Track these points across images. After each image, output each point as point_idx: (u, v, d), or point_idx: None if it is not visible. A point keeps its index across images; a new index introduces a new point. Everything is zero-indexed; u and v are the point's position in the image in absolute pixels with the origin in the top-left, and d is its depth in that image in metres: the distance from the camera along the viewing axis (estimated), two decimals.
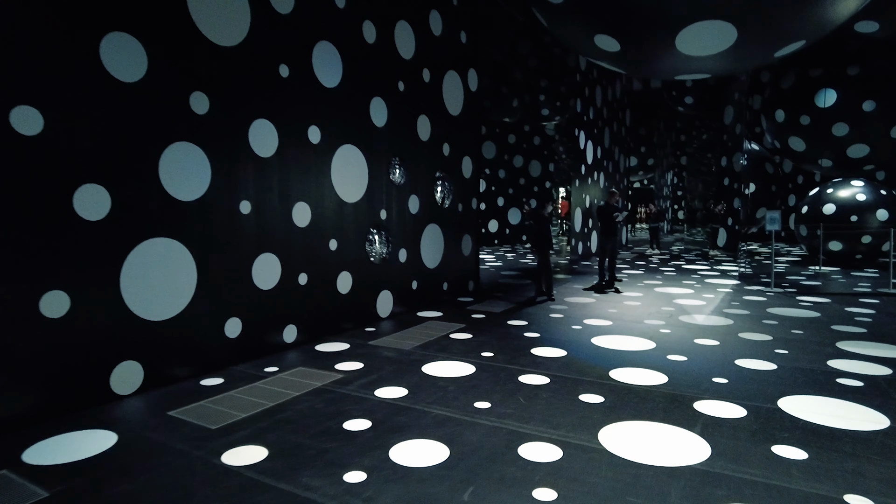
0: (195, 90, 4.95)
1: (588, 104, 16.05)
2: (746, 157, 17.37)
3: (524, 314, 7.96)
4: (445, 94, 8.71)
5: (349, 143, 6.76)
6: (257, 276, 5.62)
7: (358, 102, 6.91)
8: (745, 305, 8.75)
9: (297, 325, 6.13)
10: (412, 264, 8.10)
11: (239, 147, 5.40)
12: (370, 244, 7.26)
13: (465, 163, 9.39)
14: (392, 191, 7.61)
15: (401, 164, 7.74)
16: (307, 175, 6.18)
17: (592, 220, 17.29)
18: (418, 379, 4.97)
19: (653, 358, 5.67)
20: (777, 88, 16.25)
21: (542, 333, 6.71)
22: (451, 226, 9.04)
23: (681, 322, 7.45)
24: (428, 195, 8.42)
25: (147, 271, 4.62)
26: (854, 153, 14.94)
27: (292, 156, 5.99)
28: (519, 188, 22.07)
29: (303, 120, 6.11)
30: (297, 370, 5.25)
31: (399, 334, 6.68)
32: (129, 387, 4.53)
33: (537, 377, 5.00)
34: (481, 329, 6.96)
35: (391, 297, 7.68)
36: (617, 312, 8.10)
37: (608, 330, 6.93)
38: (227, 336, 5.35)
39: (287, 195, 5.94)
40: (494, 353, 5.82)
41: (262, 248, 5.67)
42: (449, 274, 9.07)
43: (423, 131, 8.21)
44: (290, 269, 6.01)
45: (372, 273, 7.29)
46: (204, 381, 4.94)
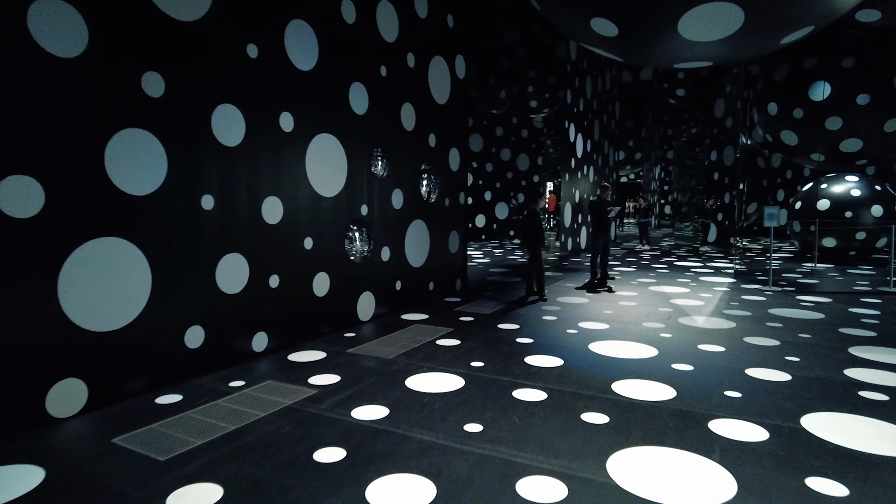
0: (148, 70, 4.37)
1: (578, 95, 15.59)
2: (739, 150, 17.01)
3: (515, 316, 7.48)
4: (431, 81, 8.17)
5: (326, 131, 6.21)
6: (222, 279, 5.06)
7: (336, 88, 6.35)
8: (744, 305, 8.35)
9: (268, 332, 5.59)
10: (396, 263, 7.58)
11: (200, 135, 4.82)
12: (350, 242, 6.73)
13: (452, 155, 8.86)
14: (374, 184, 7.07)
15: (383, 155, 7.20)
16: (279, 167, 5.63)
17: (582, 215, 16.87)
18: (401, 394, 4.46)
19: (656, 367, 5.22)
20: (770, 81, 15.91)
21: (535, 338, 6.23)
22: (437, 222, 8.52)
23: (681, 325, 7.03)
24: (413, 189, 7.89)
25: (92, 276, 4.05)
26: (847, 147, 14.66)
27: (262, 145, 5.42)
28: (507, 182, 21.58)
29: (274, 106, 5.54)
30: (266, 384, 4.71)
31: (381, 340, 6.16)
32: (68, 408, 3.96)
33: (533, 391, 4.52)
34: (470, 333, 6.46)
35: (373, 299, 7.16)
36: (613, 314, 7.65)
37: (606, 334, 6.47)
38: (187, 346, 4.79)
39: (256, 189, 5.38)
40: (485, 361, 5.33)
41: (228, 248, 5.11)
42: (435, 273, 8.56)
43: (408, 120, 7.67)
44: (260, 270, 5.46)
45: (352, 273, 6.76)
46: (160, 398, 4.39)
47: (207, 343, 4.96)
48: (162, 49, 4.47)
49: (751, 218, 20.47)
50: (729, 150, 18.96)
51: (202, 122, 4.84)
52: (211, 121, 4.90)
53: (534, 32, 17.85)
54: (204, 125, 4.85)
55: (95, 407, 4.13)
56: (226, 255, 5.09)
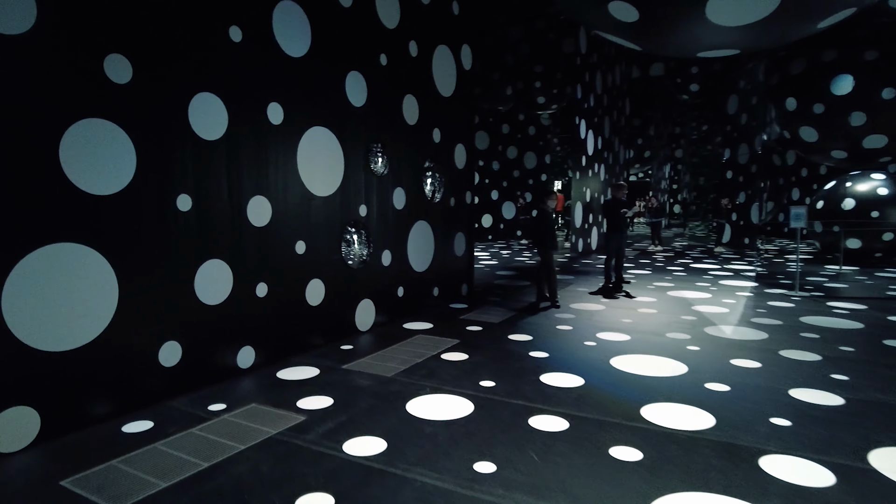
0: (112, 52, 3.83)
1: (588, 91, 14.99)
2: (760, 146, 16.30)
3: (526, 325, 6.91)
4: (436, 72, 7.61)
5: (320, 125, 5.66)
6: (201, 289, 4.52)
7: (331, 77, 5.79)
8: (773, 313, 7.76)
9: (254, 346, 5.05)
10: (397, 268, 7.03)
11: (175, 127, 4.28)
12: (347, 245, 6.18)
13: (457, 151, 8.30)
14: (373, 182, 6.52)
15: (383, 151, 6.64)
16: (266, 163, 5.08)
17: (593, 214, 16.27)
18: (399, 422, 3.91)
19: (688, 387, 4.65)
20: (787, 74, 15.26)
21: (550, 352, 5.67)
22: (442, 223, 7.96)
23: (708, 336, 6.44)
24: (416, 188, 7.33)
25: (44, 288, 3.51)
26: (871, 144, 14.01)
27: (247, 139, 4.88)
28: (513, 181, 20.99)
29: (260, 95, 4.99)
30: (249, 408, 4.16)
31: (380, 354, 5.61)
32: (16, 441, 3.43)
33: (551, 419, 3.95)
34: (478, 346, 5.90)
35: (373, 307, 6.60)
36: (633, 323, 7.07)
37: (627, 347, 5.90)
38: (161, 364, 4.26)
39: (240, 188, 4.83)
40: (495, 380, 4.77)
41: (208, 254, 4.57)
42: (440, 277, 8.00)
43: (410, 114, 7.11)
44: (245, 278, 4.91)
45: (350, 279, 6.21)
46: (127, 426, 3.85)
47: (185, 360, 4.42)
48: (129, 28, 3.93)
49: (766, 218, 19.78)
50: (743, 148, 18.32)
51: (177, 112, 4.29)
52: (188, 111, 4.36)
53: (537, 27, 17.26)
54: (179, 116, 4.31)
55: (50, 437, 3.60)
56: (206, 262, 4.54)
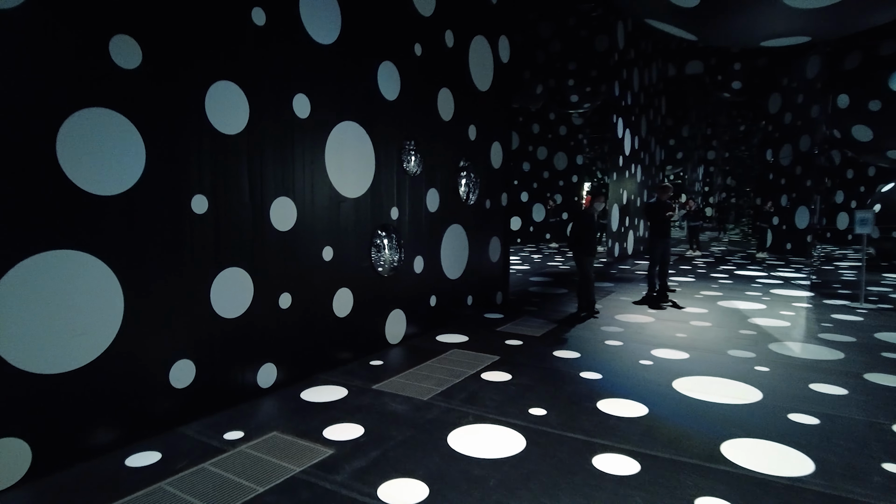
0: (118, 33, 3.38)
1: (625, 88, 14.30)
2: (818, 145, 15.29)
3: (571, 339, 6.32)
4: (472, 64, 7.07)
5: (350, 119, 5.16)
6: (218, 301, 4.05)
7: (362, 67, 5.30)
8: (841, 328, 7.03)
9: (276, 363, 4.56)
10: (430, 275, 6.50)
11: (190, 119, 3.82)
12: (377, 251, 5.67)
13: (494, 150, 7.75)
14: (405, 183, 6.01)
15: (417, 149, 6.13)
16: (291, 161, 4.60)
17: (630, 217, 15.55)
18: (442, 460, 3.37)
19: (768, 418, 4.02)
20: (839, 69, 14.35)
21: (603, 373, 5.07)
22: (476, 226, 7.42)
23: (775, 354, 5.78)
24: (450, 189, 6.80)
25: (37, 302, 3.06)
26: None
27: (270, 134, 4.40)
28: (543, 182, 20.34)
29: (286, 86, 4.51)
30: (270, 437, 3.67)
31: (413, 372, 5.08)
32: (2, 479, 2.98)
33: (618, 459, 3.37)
34: (520, 363, 5.34)
35: (403, 318, 6.08)
36: (688, 338, 6.43)
37: (688, 367, 5.28)
38: (172, 386, 3.79)
39: (262, 188, 4.35)
40: (546, 407, 4.20)
41: (226, 262, 4.10)
42: (474, 285, 7.45)
43: (445, 109, 6.58)
44: (267, 288, 4.43)
45: (380, 288, 5.70)
46: (131, 458, 3.38)
47: (199, 380, 3.95)
48: (138, 6, 3.47)
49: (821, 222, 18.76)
50: (786, 150, 17.38)
51: (193, 102, 3.83)
52: (204, 102, 3.89)
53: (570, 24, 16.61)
54: (195, 107, 3.84)
55: (42, 474, 3.14)
56: (223, 271, 4.07)
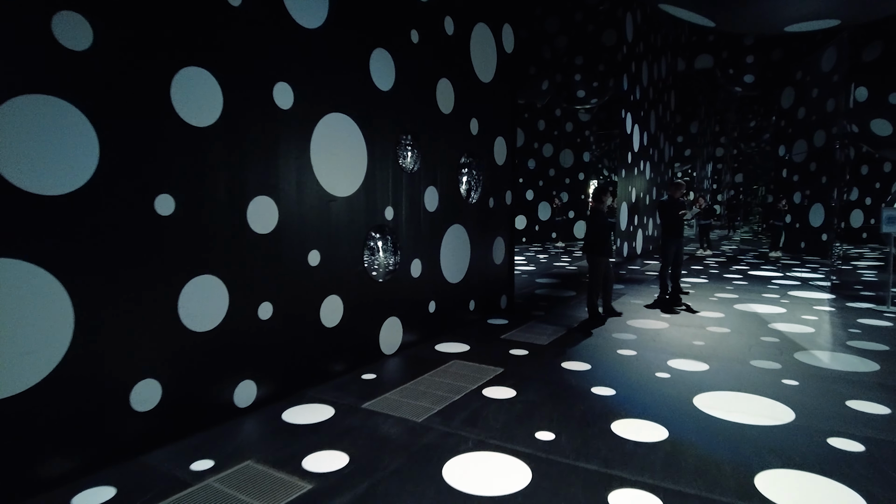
0: (62, 9, 2.95)
1: (634, 82, 13.81)
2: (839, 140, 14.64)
3: (581, 349, 5.87)
4: (474, 54, 6.62)
5: (339, 111, 4.73)
6: (188, 312, 3.62)
7: (353, 54, 4.86)
8: (870, 334, 6.55)
9: (256, 380, 4.14)
10: (429, 279, 6.06)
11: (153, 109, 3.39)
12: (371, 254, 5.24)
13: (497, 145, 7.30)
14: (402, 180, 5.57)
15: (414, 143, 5.69)
16: (273, 156, 4.17)
17: (639, 215, 15.07)
18: (437, 496, 2.93)
19: (805, 443, 3.56)
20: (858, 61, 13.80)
21: (617, 388, 4.62)
22: (479, 227, 6.97)
23: (802, 364, 5.32)
24: (450, 187, 6.36)
25: None
26: None
27: (248, 126, 3.97)
28: (549, 180, 19.87)
29: (265, 73, 4.08)
30: (243, 468, 3.24)
31: (409, 387, 4.64)
32: None
33: (639, 495, 2.93)
34: (527, 377, 4.89)
35: (400, 326, 5.65)
36: (706, 346, 5.97)
37: (709, 380, 4.82)
38: (133, 409, 3.36)
39: (238, 186, 3.92)
40: (555, 430, 3.75)
41: (196, 269, 3.67)
42: (476, 289, 7.01)
43: (445, 101, 6.14)
44: (244, 297, 4.00)
45: (373, 294, 5.27)
46: (80, 496, 2.96)
47: (166, 402, 3.53)
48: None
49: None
50: (800, 145, 16.84)
51: (156, 90, 3.40)
52: (170, 89, 3.46)
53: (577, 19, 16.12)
54: (159, 95, 3.41)
55: None
56: (193, 279, 3.65)
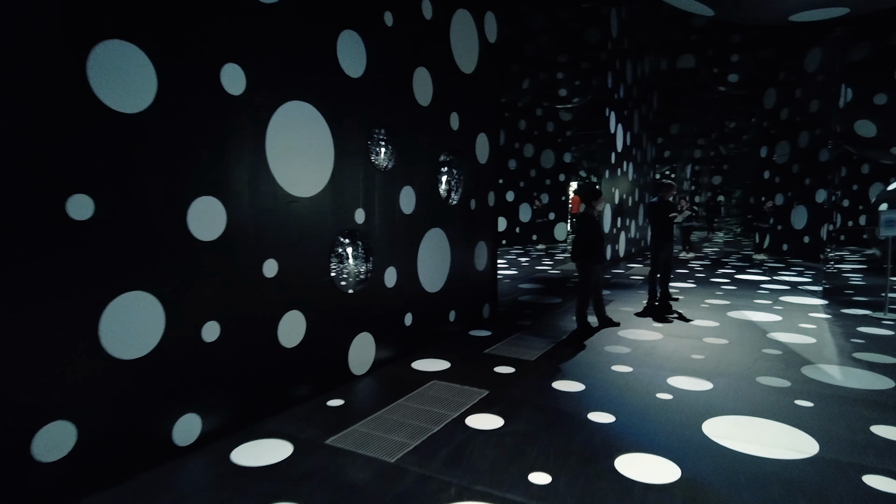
0: None
1: (619, 80, 13.42)
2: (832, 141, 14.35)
3: (573, 365, 5.35)
4: (454, 42, 6.08)
5: (300, 99, 4.13)
6: (112, 336, 3.00)
7: (317, 35, 4.27)
8: (876, 345, 6.17)
9: (200, 413, 3.52)
10: (405, 289, 5.49)
11: (66, 89, 2.77)
12: (339, 262, 4.65)
13: (479, 142, 6.76)
14: (374, 179, 4.99)
15: (388, 138, 5.12)
16: (219, 149, 3.56)
17: (622, 217, 14.69)
18: None
19: (838, 482, 3.09)
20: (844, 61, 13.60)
21: (616, 413, 4.10)
22: (460, 230, 6.43)
23: (813, 382, 4.88)
24: (429, 187, 5.81)
25: None
26: None
27: (189, 114, 3.36)
28: (530, 181, 19.44)
29: (211, 52, 3.47)
30: None
31: (381, 416, 4.06)
32: None
33: None
34: (515, 401, 4.35)
35: (372, 342, 5.06)
36: (706, 360, 5.50)
37: (715, 402, 4.34)
38: (37, 459, 2.73)
39: (177, 185, 3.31)
40: (551, 471, 3.21)
41: (124, 285, 3.05)
42: (458, 298, 6.46)
43: (423, 92, 5.58)
44: (184, 316, 3.38)
45: (342, 308, 4.68)
46: None
47: (83, 447, 2.90)
48: None
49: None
50: (783, 147, 16.66)
51: (68, 66, 2.77)
52: (86, 65, 2.84)
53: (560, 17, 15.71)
54: (72, 73, 2.79)
55: None
56: (120, 297, 3.02)
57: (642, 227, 18.13)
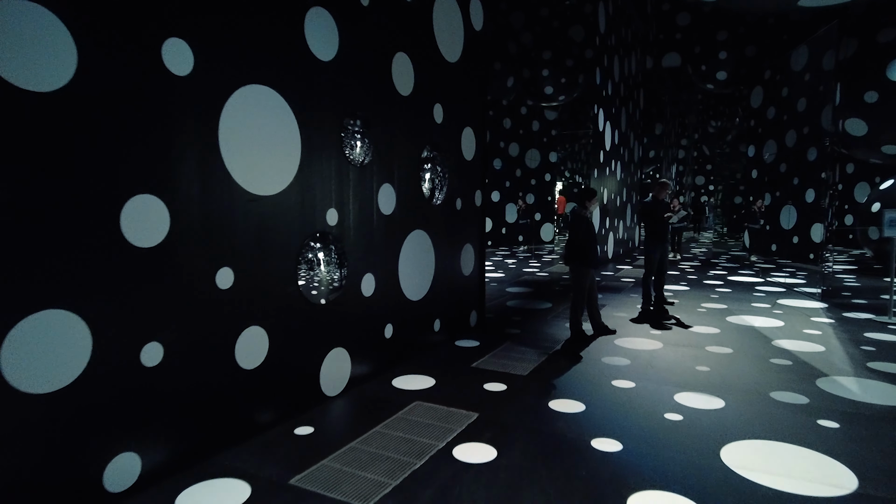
0: None
1: (606, 76, 13.03)
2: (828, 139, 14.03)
3: (570, 381, 4.88)
4: (437, 28, 5.58)
5: (260, 82, 3.60)
6: (17, 368, 2.44)
7: (280, 10, 3.74)
8: (886, 352, 5.81)
9: (140, 451, 2.97)
10: (385, 297, 4.97)
11: None
12: (310, 269, 4.12)
13: (465, 137, 6.26)
14: (349, 176, 4.47)
15: (365, 130, 4.60)
16: (161, 139, 3.01)
17: (610, 218, 14.31)
18: None
19: None
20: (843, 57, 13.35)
21: (622, 439, 3.63)
22: (445, 232, 5.92)
23: (830, 396, 4.47)
24: (410, 185, 5.30)
25: None
26: None
27: (120, 95, 2.81)
28: (516, 181, 19.00)
29: (150, 24, 2.93)
30: None
31: (355, 447, 3.53)
32: None
33: None
34: (508, 426, 3.85)
35: (347, 358, 4.54)
36: (712, 373, 5.06)
37: (730, 424, 3.89)
38: None
39: (107, 180, 2.76)
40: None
41: (36, 302, 2.49)
42: (442, 306, 5.95)
43: (403, 80, 5.06)
44: (118, 338, 2.83)
45: (312, 321, 4.15)
46: None
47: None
48: None
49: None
50: (770, 146, 16.43)
51: None
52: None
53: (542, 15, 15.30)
54: None
55: None
56: (29, 318, 2.47)
57: (629, 227, 17.80)
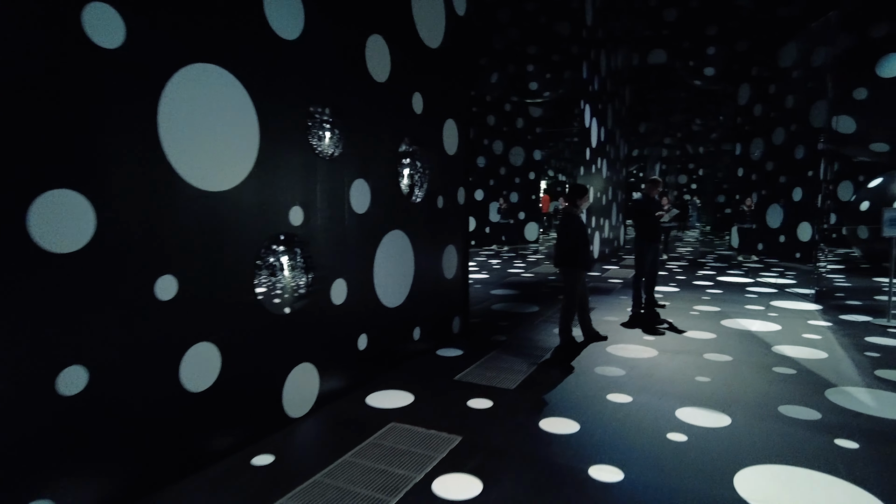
0: None
1: (593, 71, 12.68)
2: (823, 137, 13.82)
3: (562, 396, 4.46)
4: (416, 9, 5.12)
5: (209, 60, 3.12)
6: None
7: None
8: (892, 358, 5.50)
9: (56, 496, 2.48)
10: (358, 304, 4.51)
11: None
12: (270, 274, 3.65)
13: (447, 129, 5.82)
14: (317, 170, 4.00)
15: (334, 119, 4.13)
16: (83, 123, 2.53)
17: (596, 216, 13.97)
18: None
19: None
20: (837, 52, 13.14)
21: (623, 466, 3.22)
22: (425, 233, 5.48)
23: (843, 410, 4.13)
24: (387, 180, 4.84)
25: None
26: None
27: (30, 72, 2.32)
28: (500, 179, 18.61)
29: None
30: None
31: (320, 481, 3.08)
32: None
33: None
34: (495, 451, 3.43)
35: (315, 374, 4.07)
36: (714, 384, 4.69)
37: (740, 444, 3.51)
38: None
39: (13, 175, 2.27)
40: None
41: None
42: (423, 312, 5.51)
43: (378, 65, 4.60)
44: (31, 361, 2.35)
45: (274, 333, 3.68)
46: None
47: None
48: None
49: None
50: (757, 143, 16.25)
51: None
52: None
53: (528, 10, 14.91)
54: None
55: None
56: None
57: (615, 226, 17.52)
